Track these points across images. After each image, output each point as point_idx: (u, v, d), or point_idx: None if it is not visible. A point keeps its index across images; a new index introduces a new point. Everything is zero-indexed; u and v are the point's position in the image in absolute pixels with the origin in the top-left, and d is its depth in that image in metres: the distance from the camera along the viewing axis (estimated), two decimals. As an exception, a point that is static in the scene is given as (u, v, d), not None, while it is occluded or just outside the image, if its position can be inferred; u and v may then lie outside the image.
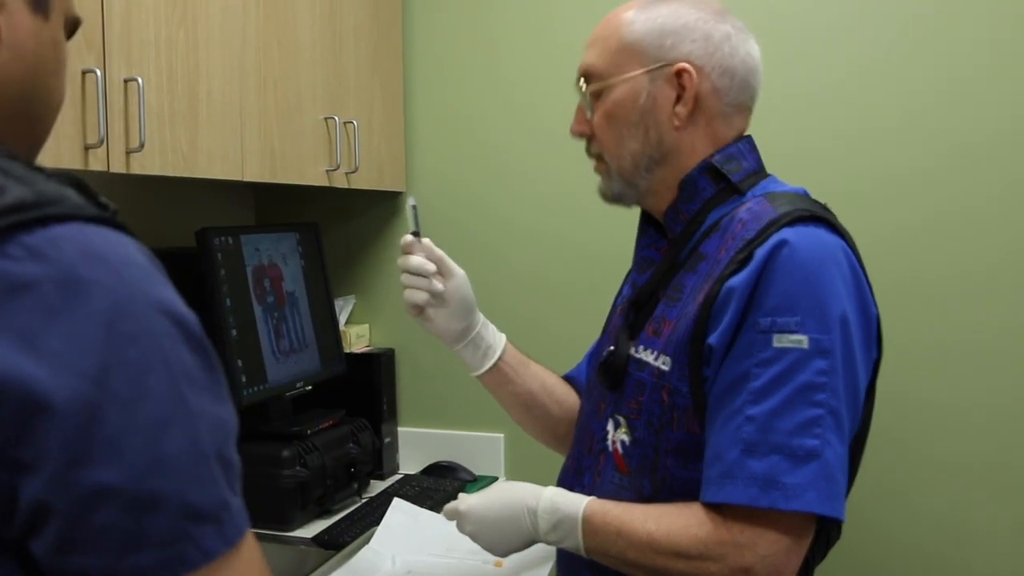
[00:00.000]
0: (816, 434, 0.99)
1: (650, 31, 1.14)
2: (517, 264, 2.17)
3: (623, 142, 1.16)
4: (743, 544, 1.00)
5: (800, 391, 1.00)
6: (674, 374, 1.09)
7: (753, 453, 1.00)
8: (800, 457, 0.98)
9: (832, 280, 1.02)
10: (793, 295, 1.01)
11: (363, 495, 1.97)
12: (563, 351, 2.13)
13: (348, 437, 1.94)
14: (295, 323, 1.95)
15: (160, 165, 1.42)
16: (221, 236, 1.77)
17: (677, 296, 1.13)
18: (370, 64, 2.07)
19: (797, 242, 1.02)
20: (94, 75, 1.26)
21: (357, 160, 1.98)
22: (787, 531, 1.00)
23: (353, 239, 2.30)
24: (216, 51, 1.56)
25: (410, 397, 2.27)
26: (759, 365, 1.01)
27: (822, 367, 1.00)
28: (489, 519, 1.17)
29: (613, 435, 1.17)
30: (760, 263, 1.02)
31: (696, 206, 1.16)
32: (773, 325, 1.01)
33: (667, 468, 1.10)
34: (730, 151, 1.17)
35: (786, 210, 1.06)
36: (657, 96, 1.14)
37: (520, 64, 2.16)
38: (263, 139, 1.69)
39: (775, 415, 1.00)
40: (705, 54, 1.14)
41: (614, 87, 1.15)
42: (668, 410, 1.10)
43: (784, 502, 0.98)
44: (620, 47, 1.15)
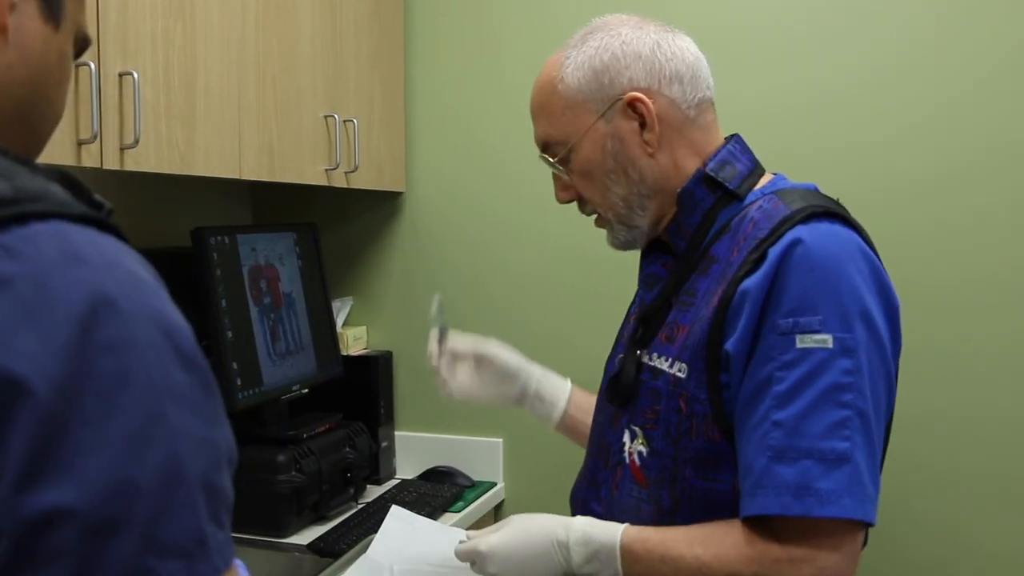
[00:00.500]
0: (845, 436, 0.96)
1: (583, 79, 1.12)
2: (516, 264, 2.14)
3: (608, 192, 1.14)
4: (800, 559, 0.96)
5: (827, 392, 0.97)
6: (691, 381, 1.05)
7: (782, 459, 0.96)
8: (832, 461, 0.95)
9: (851, 276, 0.99)
10: (812, 294, 0.98)
11: (359, 500, 1.94)
12: (562, 352, 2.10)
13: (345, 441, 1.91)
14: (292, 325, 1.92)
15: (155, 162, 1.39)
16: (217, 236, 1.74)
17: (690, 300, 1.10)
18: (371, 62, 2.04)
19: (812, 239, 0.99)
20: (88, 68, 1.23)
21: (357, 159, 1.95)
22: (841, 541, 0.97)
23: (351, 240, 2.27)
24: (214, 45, 1.52)
25: (408, 400, 2.23)
26: (782, 368, 0.98)
27: (847, 367, 0.97)
28: (516, 558, 1.11)
29: (630, 446, 1.13)
30: (775, 263, 0.99)
31: (697, 218, 1.13)
32: (795, 326, 0.98)
33: (686, 479, 1.06)
34: (721, 156, 1.14)
35: (799, 207, 1.03)
36: (621, 134, 1.11)
37: (522, 64, 2.12)
38: (261, 137, 1.66)
39: (803, 418, 0.97)
40: (645, 73, 1.11)
41: (579, 146, 1.13)
42: (686, 418, 1.06)
43: (819, 508, 0.95)
44: (564, 107, 1.13)
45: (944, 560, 1.84)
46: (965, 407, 1.83)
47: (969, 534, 1.83)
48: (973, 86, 1.82)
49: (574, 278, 2.10)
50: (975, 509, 1.82)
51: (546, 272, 2.12)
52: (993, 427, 1.81)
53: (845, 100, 1.89)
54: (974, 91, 1.82)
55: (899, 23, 1.86)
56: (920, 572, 1.86)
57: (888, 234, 1.84)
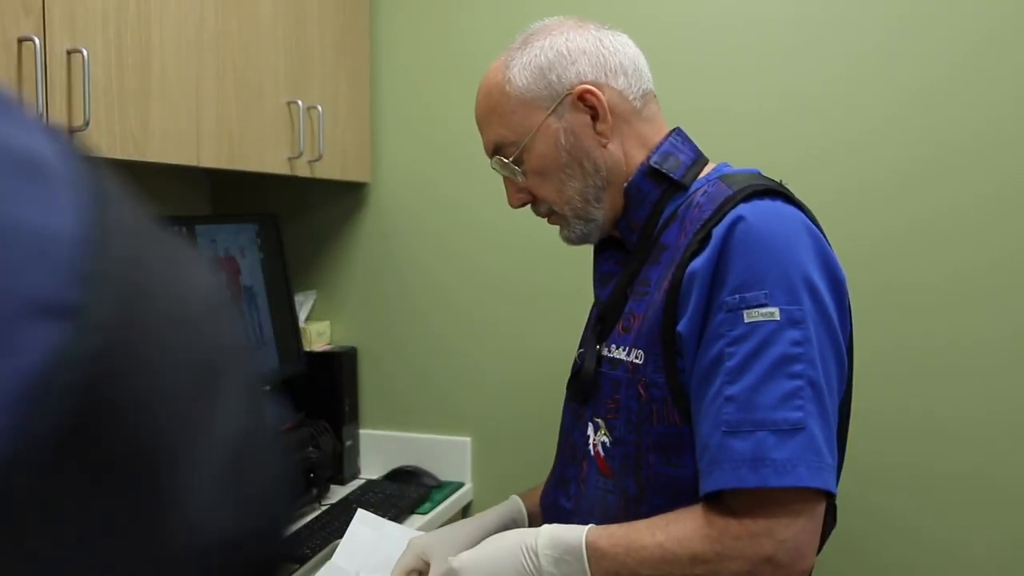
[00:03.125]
0: (798, 406, 0.96)
1: (531, 78, 1.14)
2: (482, 259, 2.08)
3: (564, 186, 1.15)
4: (758, 533, 0.96)
5: (777, 364, 0.97)
6: (648, 366, 1.06)
7: (736, 434, 0.97)
8: (786, 431, 0.96)
9: (794, 250, 1.01)
10: (756, 269, 0.99)
11: (323, 502, 1.87)
12: (527, 348, 2.06)
13: (307, 440, 1.84)
14: (252, 319, 1.85)
15: (107, 147, 1.31)
16: (174, 226, 1.66)
17: (644, 289, 1.12)
18: (336, 47, 1.96)
19: (753, 216, 1.01)
20: (32, 44, 1.14)
21: (321, 148, 1.88)
22: (798, 511, 0.97)
23: (315, 232, 2.19)
24: (170, 24, 1.44)
25: (373, 398, 2.17)
26: (732, 344, 0.99)
27: (796, 338, 0.98)
28: (486, 568, 1.08)
29: (594, 439, 1.14)
30: (719, 242, 1.01)
31: (645, 211, 1.15)
32: (742, 301, 0.99)
33: (650, 465, 1.07)
34: (664, 149, 1.16)
35: (740, 187, 1.06)
36: (573, 128, 1.13)
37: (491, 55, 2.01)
38: (220, 122, 1.58)
39: (754, 391, 0.97)
40: (591, 67, 1.14)
41: (532, 144, 1.14)
42: (646, 404, 1.07)
43: (775, 479, 0.95)
44: (514, 107, 1.15)
45: (917, 559, 1.82)
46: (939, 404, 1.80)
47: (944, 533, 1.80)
48: (946, 82, 1.79)
49: (540, 273, 2.05)
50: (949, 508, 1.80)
51: (512, 267, 2.06)
52: (972, 425, 1.79)
53: (820, 98, 1.85)
54: (947, 87, 1.79)
55: (870, 20, 1.82)
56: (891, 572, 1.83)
57: (865, 231, 1.83)
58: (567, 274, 2.00)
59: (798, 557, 0.97)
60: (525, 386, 2.06)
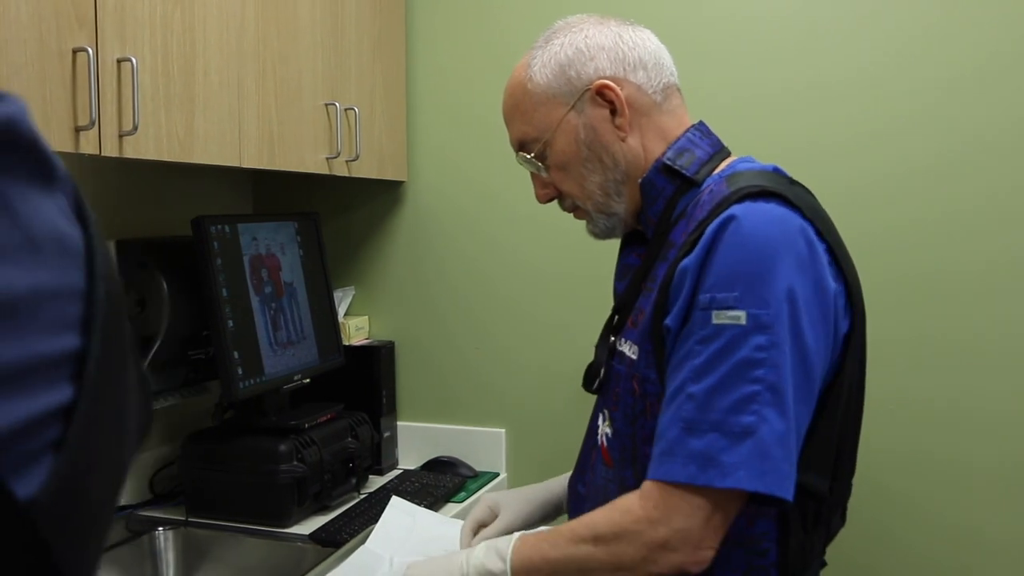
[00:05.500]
0: (752, 411, 0.98)
1: (551, 75, 1.16)
2: (518, 252, 2.13)
3: (586, 181, 1.17)
4: (656, 520, 1.00)
5: (737, 368, 0.98)
6: (642, 362, 1.09)
7: (693, 431, 0.99)
8: (736, 435, 0.98)
9: (776, 254, 1.00)
10: (734, 271, 1.00)
11: (361, 491, 1.93)
12: (560, 341, 2.10)
13: (346, 431, 1.90)
14: (293, 314, 1.91)
15: (155, 149, 1.38)
16: (218, 225, 1.73)
17: (651, 286, 1.13)
18: (372, 50, 2.02)
19: (744, 217, 1.01)
20: (85, 54, 1.21)
21: (358, 148, 1.94)
22: (703, 505, 0.99)
23: (353, 229, 2.25)
24: (213, 32, 1.51)
25: (410, 391, 2.22)
26: (700, 342, 1.01)
27: (760, 343, 0.98)
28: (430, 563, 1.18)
29: (601, 429, 1.18)
30: (708, 240, 1.02)
31: (660, 206, 1.16)
32: (712, 302, 1.00)
33: (646, 457, 1.07)
34: (680, 144, 1.17)
35: (739, 186, 1.05)
36: (593, 123, 1.15)
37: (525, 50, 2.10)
38: (262, 124, 1.64)
39: (713, 392, 0.99)
40: (610, 62, 1.15)
41: (553, 140, 1.17)
42: (640, 399, 1.09)
43: (720, 480, 0.98)
44: (535, 105, 1.17)
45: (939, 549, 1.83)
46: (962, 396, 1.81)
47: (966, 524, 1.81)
48: (969, 77, 1.79)
49: (576, 266, 2.08)
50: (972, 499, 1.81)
51: (548, 260, 2.11)
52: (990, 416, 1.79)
53: (841, 91, 1.87)
54: (970, 82, 1.79)
55: (896, 14, 1.84)
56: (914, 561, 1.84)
57: (886, 224, 1.84)
58: (602, 266, 2.02)
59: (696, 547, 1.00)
60: (558, 378, 2.10)
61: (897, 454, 1.83)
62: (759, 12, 1.93)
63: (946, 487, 1.83)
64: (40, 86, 1.16)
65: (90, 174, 1.76)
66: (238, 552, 1.69)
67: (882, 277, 1.79)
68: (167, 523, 1.73)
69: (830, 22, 1.88)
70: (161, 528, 1.72)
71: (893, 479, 1.83)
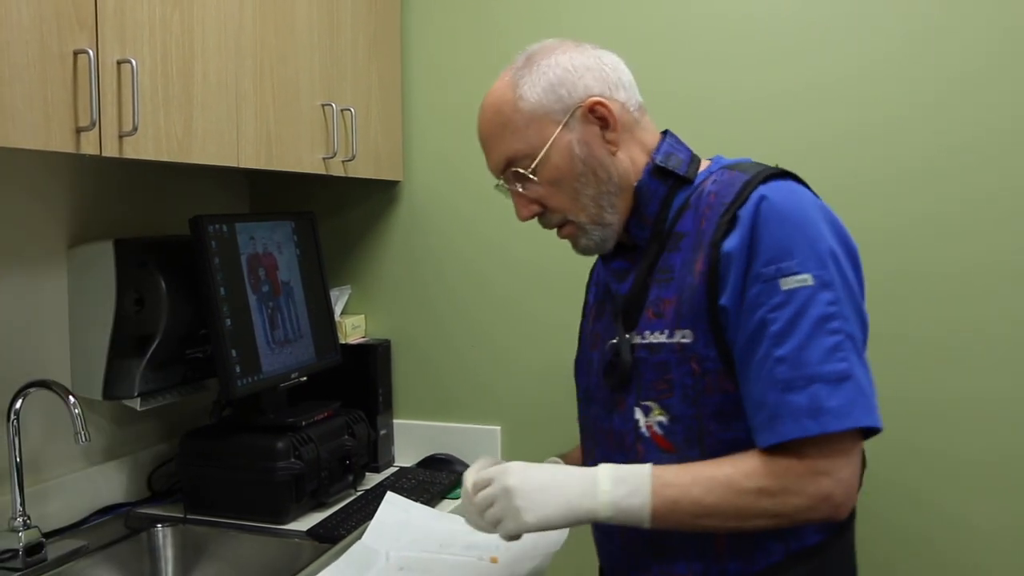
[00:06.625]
0: (842, 357, 1.06)
1: (542, 93, 1.20)
2: (513, 252, 2.15)
3: (579, 195, 1.22)
4: (820, 471, 1.06)
5: (817, 323, 1.07)
6: (699, 342, 1.14)
7: (791, 389, 1.06)
8: (835, 381, 1.05)
9: (814, 222, 1.11)
10: (785, 241, 1.09)
11: (358, 488, 1.95)
12: (553, 339, 2.12)
13: (343, 429, 1.92)
14: (290, 313, 1.93)
15: (154, 150, 1.39)
16: (215, 224, 1.74)
17: (668, 276, 1.19)
18: (368, 50, 2.04)
19: (774, 195, 1.11)
20: (86, 56, 1.23)
21: (354, 148, 1.96)
22: (850, 451, 1.08)
23: (350, 228, 2.27)
24: (211, 33, 1.53)
25: (406, 388, 2.24)
26: (773, 310, 1.08)
27: (829, 299, 1.07)
28: (537, 472, 1.14)
29: (646, 421, 1.19)
30: (748, 220, 1.10)
31: (655, 206, 1.23)
32: (778, 271, 1.08)
33: (712, 434, 1.14)
34: (665, 149, 1.24)
35: (754, 172, 1.16)
36: (586, 139, 1.20)
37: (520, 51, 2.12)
38: (259, 125, 1.66)
39: (801, 350, 1.06)
40: (596, 81, 1.21)
41: (546, 156, 1.20)
42: (700, 378, 1.14)
43: (836, 423, 1.04)
44: (527, 122, 1.20)
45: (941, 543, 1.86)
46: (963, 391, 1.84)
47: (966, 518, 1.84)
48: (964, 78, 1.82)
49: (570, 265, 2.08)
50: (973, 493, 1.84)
51: (542, 259, 2.13)
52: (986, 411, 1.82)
53: (837, 91, 1.89)
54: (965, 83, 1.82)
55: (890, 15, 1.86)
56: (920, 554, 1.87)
57: (882, 222, 1.86)
58: (593, 268, 2.06)
59: (851, 494, 1.08)
60: (553, 376, 2.12)
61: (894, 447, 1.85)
62: (754, 12, 1.95)
63: (939, 478, 1.85)
64: (42, 87, 1.18)
65: (90, 174, 1.78)
66: (236, 548, 1.71)
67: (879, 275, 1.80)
68: (165, 520, 1.75)
69: (825, 23, 1.90)
70: (160, 525, 1.73)
71: (888, 471, 1.85)
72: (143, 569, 1.70)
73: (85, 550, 1.60)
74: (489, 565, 1.40)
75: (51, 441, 1.69)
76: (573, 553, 1.54)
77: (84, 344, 1.72)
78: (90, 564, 1.59)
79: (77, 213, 1.75)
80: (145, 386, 1.72)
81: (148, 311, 1.70)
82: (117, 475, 1.84)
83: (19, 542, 1.50)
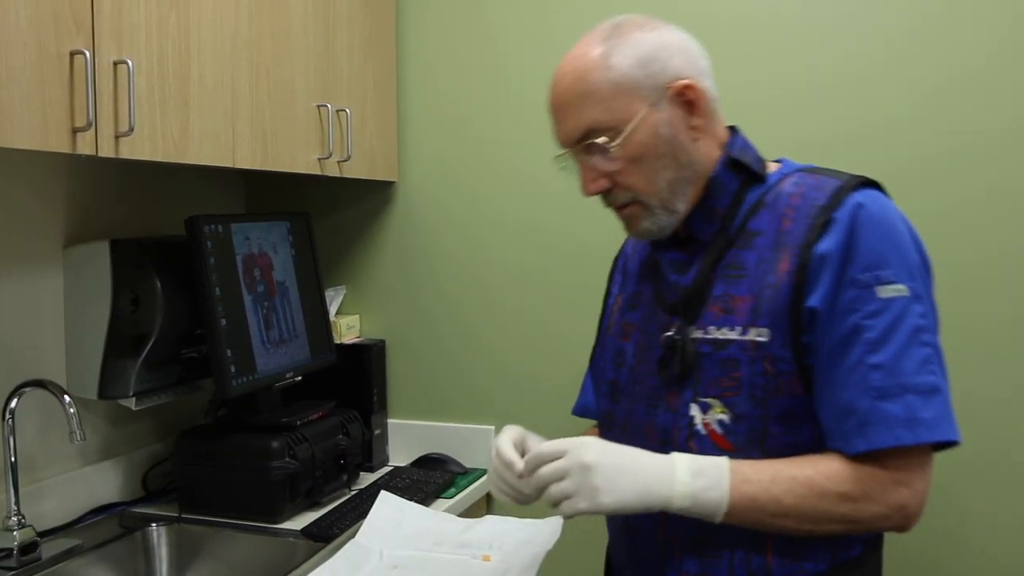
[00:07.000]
0: (931, 371, 1.08)
1: (634, 66, 1.14)
2: (507, 253, 2.16)
3: (657, 177, 1.17)
4: (900, 481, 1.07)
5: (912, 334, 1.08)
6: (775, 343, 1.12)
7: (886, 397, 1.06)
8: (927, 393, 1.06)
9: (904, 234, 1.12)
10: (882, 250, 1.09)
11: (352, 487, 1.96)
12: (548, 339, 2.13)
13: (338, 428, 1.92)
14: (285, 313, 1.93)
15: (150, 150, 1.40)
16: (211, 224, 1.75)
17: (740, 273, 1.16)
18: (363, 51, 2.05)
19: (870, 204, 1.12)
20: (83, 56, 1.24)
21: (349, 148, 1.96)
22: (927, 464, 1.09)
23: (345, 229, 2.28)
24: (208, 35, 1.53)
25: (401, 388, 2.25)
26: (868, 317, 1.08)
27: (921, 311, 1.09)
28: (616, 452, 1.10)
29: (703, 418, 1.15)
30: (846, 225, 1.10)
31: (727, 200, 1.20)
32: (875, 279, 1.08)
33: (775, 436, 1.12)
34: (737, 143, 1.21)
35: (847, 178, 1.16)
36: (672, 120, 1.16)
37: (515, 53, 2.14)
38: (255, 126, 1.67)
39: (897, 359, 1.07)
40: (686, 64, 1.17)
41: (632, 133, 1.14)
42: (772, 379, 1.12)
43: (928, 435, 1.06)
44: (614, 94, 1.14)
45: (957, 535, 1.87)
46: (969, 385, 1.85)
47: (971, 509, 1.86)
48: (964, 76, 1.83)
49: (565, 267, 2.12)
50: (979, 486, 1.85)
51: (537, 261, 2.14)
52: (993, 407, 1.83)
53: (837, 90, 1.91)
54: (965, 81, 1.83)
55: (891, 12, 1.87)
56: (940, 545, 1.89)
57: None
58: (589, 267, 2.07)
59: (923, 506, 1.09)
60: (546, 376, 2.14)
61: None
62: (754, 12, 1.96)
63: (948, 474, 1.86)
64: (39, 88, 1.19)
65: (87, 174, 1.79)
66: (231, 548, 1.71)
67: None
68: (160, 519, 1.76)
69: (825, 23, 1.91)
70: (154, 524, 1.74)
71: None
72: (138, 568, 1.70)
73: (80, 549, 1.60)
74: (482, 563, 1.40)
75: (46, 440, 1.69)
76: (572, 555, 1.54)
77: (80, 344, 1.72)
78: (84, 563, 1.59)
79: (74, 213, 1.76)
80: (140, 386, 1.73)
81: (144, 311, 1.71)
82: (112, 474, 1.85)
83: (14, 541, 1.51)
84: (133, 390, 1.71)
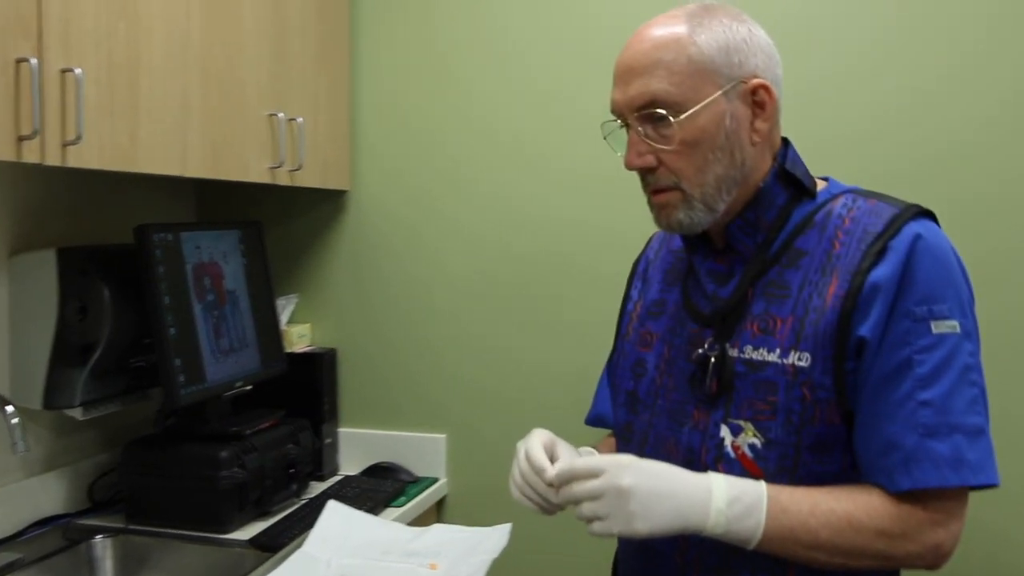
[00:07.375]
0: (978, 411, 1.06)
1: (718, 50, 1.10)
2: (459, 263, 2.17)
3: (707, 168, 1.11)
4: (938, 522, 1.05)
5: (962, 373, 1.06)
6: (816, 368, 1.08)
7: (934, 436, 1.04)
8: (973, 434, 1.04)
9: (957, 270, 1.10)
10: (937, 284, 1.07)
11: (302, 496, 1.95)
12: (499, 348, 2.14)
13: (288, 438, 1.92)
14: (235, 322, 1.93)
15: (98, 159, 1.39)
16: (161, 233, 1.74)
17: (783, 292, 1.12)
18: (316, 60, 2.05)
19: (928, 235, 1.08)
20: (28, 64, 1.23)
21: (301, 157, 1.97)
22: (964, 505, 1.07)
23: (296, 237, 2.28)
24: (158, 43, 1.53)
25: (352, 397, 2.25)
26: (921, 352, 1.05)
27: (971, 349, 1.07)
28: (653, 474, 1.05)
29: (734, 440, 1.12)
30: (903, 255, 1.07)
31: (773, 213, 1.16)
32: (930, 313, 1.06)
33: (806, 465, 1.09)
34: (790, 155, 1.18)
35: (904, 206, 1.12)
36: (737, 116, 1.11)
37: (468, 63, 2.16)
38: (205, 134, 1.66)
39: (948, 397, 1.04)
40: (766, 66, 1.13)
41: (697, 115, 1.10)
42: (810, 406, 1.08)
43: (973, 478, 1.04)
44: (692, 70, 1.09)
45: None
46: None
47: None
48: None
49: (515, 278, 2.13)
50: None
51: (488, 272, 2.15)
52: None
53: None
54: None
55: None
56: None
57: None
58: (541, 279, 2.10)
59: (956, 546, 1.07)
60: (497, 385, 2.15)
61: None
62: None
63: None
64: (-17, 96, 1.18)
65: (33, 183, 1.76)
66: (177, 558, 1.70)
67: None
68: (106, 531, 1.74)
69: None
70: (99, 536, 1.72)
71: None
72: (82, 580, 1.69)
73: (21, 563, 1.58)
74: (429, 572, 1.41)
75: (-11, 451, 1.67)
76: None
77: (24, 353, 1.70)
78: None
79: (19, 222, 1.74)
80: (87, 395, 1.71)
81: (91, 320, 1.69)
82: (57, 485, 1.82)
83: (-46, 553, 1.48)
84: (80, 400, 1.69)
